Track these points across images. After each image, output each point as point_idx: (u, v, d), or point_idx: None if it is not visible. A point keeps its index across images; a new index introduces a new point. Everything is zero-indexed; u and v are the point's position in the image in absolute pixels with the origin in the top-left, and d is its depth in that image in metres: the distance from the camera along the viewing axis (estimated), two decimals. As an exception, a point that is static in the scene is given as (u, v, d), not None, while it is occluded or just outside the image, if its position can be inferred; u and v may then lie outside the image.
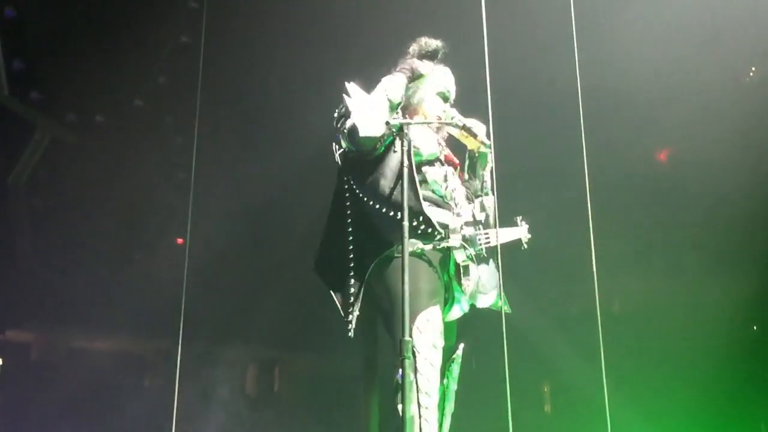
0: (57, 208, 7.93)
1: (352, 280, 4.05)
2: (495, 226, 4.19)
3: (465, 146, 4.32)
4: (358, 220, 4.10)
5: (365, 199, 4.04)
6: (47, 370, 8.19)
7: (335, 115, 4.19)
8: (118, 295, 7.95)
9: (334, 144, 4.23)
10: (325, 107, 4.42)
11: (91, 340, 8.80)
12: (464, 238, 4.04)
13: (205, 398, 7.73)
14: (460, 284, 4.08)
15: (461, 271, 4.08)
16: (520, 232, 4.51)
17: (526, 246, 4.52)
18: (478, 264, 4.13)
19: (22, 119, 7.69)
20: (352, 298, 4.03)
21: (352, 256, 4.08)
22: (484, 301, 4.21)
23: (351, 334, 4.06)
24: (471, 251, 4.05)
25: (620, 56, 7.29)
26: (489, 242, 4.21)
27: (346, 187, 4.18)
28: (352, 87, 4.08)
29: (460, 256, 4.04)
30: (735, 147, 7.53)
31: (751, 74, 7.83)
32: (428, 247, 3.96)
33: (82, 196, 7.92)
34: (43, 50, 7.55)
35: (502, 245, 4.16)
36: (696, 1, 7.09)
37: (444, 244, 4.00)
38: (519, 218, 4.54)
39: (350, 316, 4.03)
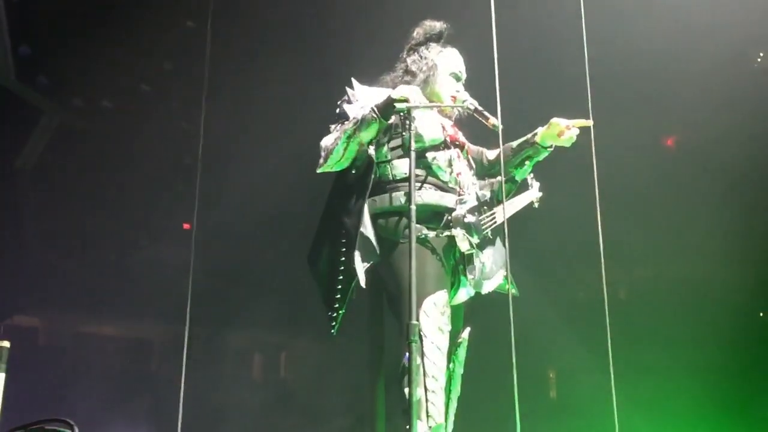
0: (63, 193, 7.93)
1: (341, 276, 4.03)
2: (503, 203, 4.18)
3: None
4: (349, 217, 4.09)
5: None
6: (54, 355, 8.21)
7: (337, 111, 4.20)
8: (125, 280, 7.96)
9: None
10: (333, 92, 4.42)
11: (98, 325, 8.81)
12: (467, 227, 4.02)
13: (211, 383, 7.74)
14: (464, 273, 4.07)
15: (465, 260, 4.08)
16: (531, 194, 4.53)
17: (537, 206, 4.56)
18: (484, 247, 4.13)
19: (28, 104, 7.69)
20: (339, 295, 4.02)
21: (343, 249, 4.06)
22: (489, 286, 4.21)
23: (334, 332, 4.05)
24: (474, 239, 4.04)
25: (628, 42, 7.28)
26: (495, 222, 4.20)
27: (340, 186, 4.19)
28: (356, 88, 4.11)
29: (464, 245, 4.03)
30: (743, 133, 7.52)
31: (759, 60, 7.81)
32: (432, 233, 3.96)
33: (88, 181, 7.92)
34: (49, 35, 7.54)
35: (509, 220, 4.16)
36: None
37: (447, 233, 4.00)
38: (530, 176, 4.57)
39: (335, 313, 4.02)
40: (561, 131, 4.30)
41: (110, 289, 7.96)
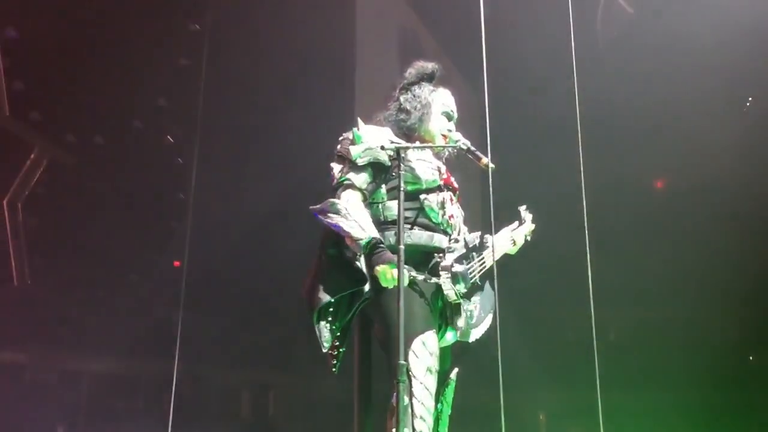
0: (54, 228, 7.91)
1: (331, 317, 4.01)
2: (492, 246, 4.18)
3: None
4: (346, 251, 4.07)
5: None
6: (41, 392, 8.15)
7: (337, 146, 4.20)
8: (113, 317, 7.93)
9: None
10: (324, 131, 4.43)
11: (85, 361, 8.75)
12: (454, 276, 4.00)
13: (199, 421, 7.69)
14: (452, 323, 4.07)
15: (452, 309, 4.07)
16: (524, 228, 4.57)
17: (529, 239, 4.58)
18: (472, 294, 4.12)
19: (21, 139, 7.70)
20: (339, 334, 4.00)
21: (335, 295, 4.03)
22: (476, 334, 4.19)
23: (335, 370, 4.02)
24: (462, 288, 4.02)
25: (619, 86, 7.34)
26: (485, 267, 4.20)
27: None
28: (361, 128, 4.13)
29: (450, 295, 4.01)
30: (732, 177, 7.57)
31: (748, 104, 7.88)
32: (420, 277, 3.95)
33: (79, 216, 7.91)
34: (43, 71, 7.56)
35: (498, 261, 4.16)
36: (694, 32, 7.14)
37: (434, 281, 3.98)
38: (523, 207, 4.60)
39: (336, 351, 3.99)
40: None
41: (99, 326, 7.92)
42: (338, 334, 3.99)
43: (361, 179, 4.06)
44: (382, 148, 3.94)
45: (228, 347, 8.14)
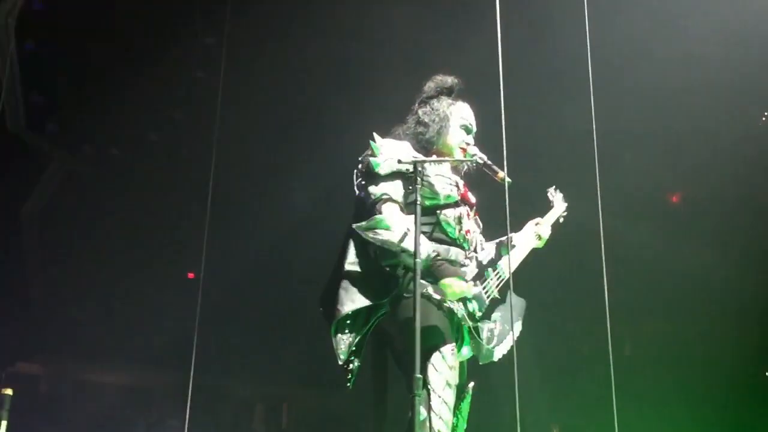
0: (69, 240, 7.95)
1: (347, 331, 3.98)
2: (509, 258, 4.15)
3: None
4: (366, 265, 4.05)
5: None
6: (57, 403, 8.18)
7: (359, 166, 4.19)
8: (129, 328, 7.95)
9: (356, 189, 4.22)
10: (342, 144, 4.43)
11: (101, 373, 8.78)
12: (468, 299, 3.99)
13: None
14: (472, 333, 4.06)
15: (474, 333, 4.07)
16: (552, 215, 4.56)
17: (562, 221, 4.57)
18: (492, 311, 4.10)
19: (38, 151, 7.75)
20: (354, 348, 3.98)
21: (352, 309, 4.00)
22: (502, 351, 4.17)
23: (350, 385, 4.00)
24: (476, 310, 4.01)
25: (635, 101, 7.32)
26: (502, 279, 4.17)
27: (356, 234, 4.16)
28: (378, 141, 4.11)
29: (465, 320, 4.00)
30: (748, 191, 7.54)
31: (764, 119, 7.85)
32: (436, 295, 3.94)
33: (95, 228, 7.95)
34: (60, 83, 7.62)
35: (514, 275, 4.15)
36: (710, 48, 7.13)
37: (448, 305, 3.96)
38: (552, 189, 4.59)
39: (350, 365, 3.97)
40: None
41: (113, 337, 7.95)
42: (353, 348, 3.98)
43: (398, 192, 4.04)
44: (399, 161, 3.93)
45: (244, 359, 8.15)
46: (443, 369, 3.80)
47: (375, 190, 3.97)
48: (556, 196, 4.73)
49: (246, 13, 6.72)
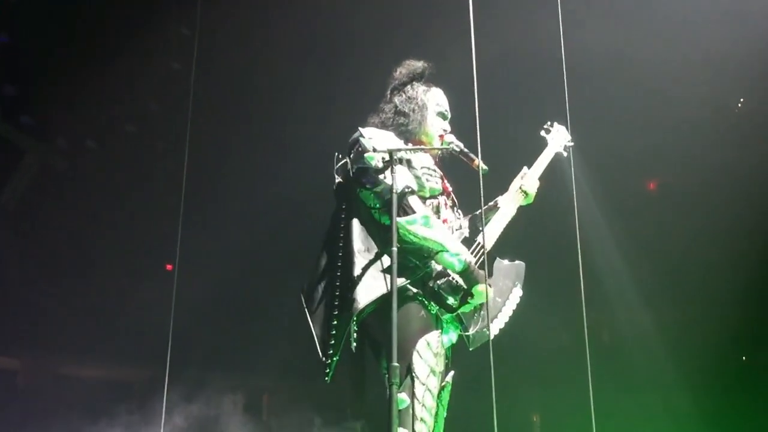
0: (45, 233, 7.90)
1: (335, 321, 3.97)
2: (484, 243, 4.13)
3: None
4: (348, 257, 4.02)
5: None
6: (34, 397, 8.13)
7: (350, 156, 4.14)
8: (106, 321, 7.92)
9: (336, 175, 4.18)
10: (319, 134, 4.41)
11: (78, 366, 8.74)
12: (436, 293, 3.97)
13: (192, 427, 7.68)
14: (455, 320, 4.06)
15: (461, 320, 4.07)
16: (549, 152, 4.56)
17: (566, 154, 4.57)
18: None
19: (12, 144, 7.69)
20: (333, 340, 3.95)
21: (337, 302, 3.98)
22: (498, 325, 4.18)
23: (328, 379, 3.97)
24: (451, 300, 3.99)
25: (611, 86, 7.34)
26: (484, 252, 4.12)
27: (341, 225, 4.13)
28: (366, 132, 4.08)
29: (446, 311, 4.00)
30: (724, 177, 7.58)
31: (740, 105, 7.89)
32: (413, 289, 3.92)
33: (71, 221, 7.90)
34: (35, 76, 7.55)
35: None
36: (687, 33, 7.14)
37: (420, 298, 3.95)
38: (548, 124, 4.60)
39: (329, 359, 3.94)
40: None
41: (91, 330, 7.91)
42: (332, 342, 3.95)
43: (413, 182, 4.02)
44: (374, 150, 3.90)
45: (221, 352, 8.14)
46: (428, 356, 3.81)
47: (396, 184, 3.79)
48: (552, 132, 4.69)
49: (219, 3, 6.69)
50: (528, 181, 4.43)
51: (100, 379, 8.87)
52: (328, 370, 3.92)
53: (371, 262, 3.94)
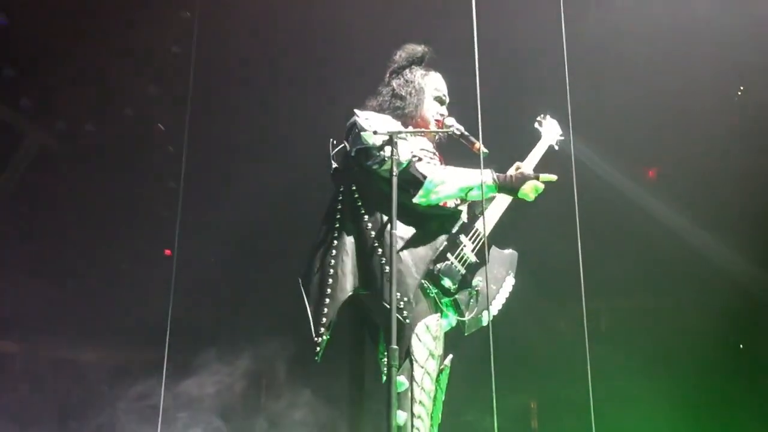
0: (44, 217, 7.89)
1: (327, 300, 3.99)
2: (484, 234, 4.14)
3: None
4: (342, 242, 4.03)
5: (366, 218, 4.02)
6: (32, 380, 8.14)
7: (348, 139, 4.15)
8: (104, 304, 7.92)
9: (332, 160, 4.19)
10: (319, 118, 4.41)
11: (77, 350, 8.74)
12: (435, 277, 3.98)
13: (190, 409, 7.69)
14: (452, 306, 4.07)
15: (457, 305, 4.08)
16: (542, 144, 4.56)
17: (557, 147, 4.57)
18: (471, 280, 4.09)
19: (11, 127, 7.67)
20: (324, 319, 3.95)
21: (330, 282, 4.01)
22: (496, 307, 4.19)
23: (318, 359, 3.99)
24: (450, 285, 4.00)
25: (610, 76, 7.33)
26: (478, 243, 4.13)
27: (338, 208, 4.14)
28: (362, 114, 4.08)
29: (443, 294, 4.01)
30: (723, 166, 7.58)
31: (740, 94, 7.88)
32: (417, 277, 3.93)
33: (70, 204, 7.90)
34: (33, 58, 7.53)
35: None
36: (686, 23, 7.13)
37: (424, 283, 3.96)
38: (540, 116, 4.61)
39: (319, 339, 3.94)
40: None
41: (90, 315, 7.91)
42: (323, 321, 3.96)
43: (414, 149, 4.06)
44: (375, 132, 3.90)
45: (220, 336, 8.14)
46: (427, 339, 3.83)
47: (401, 154, 3.85)
48: (544, 125, 4.70)
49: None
50: (527, 164, 4.45)
51: (98, 363, 8.87)
52: (318, 349, 3.95)
53: (367, 245, 3.96)
